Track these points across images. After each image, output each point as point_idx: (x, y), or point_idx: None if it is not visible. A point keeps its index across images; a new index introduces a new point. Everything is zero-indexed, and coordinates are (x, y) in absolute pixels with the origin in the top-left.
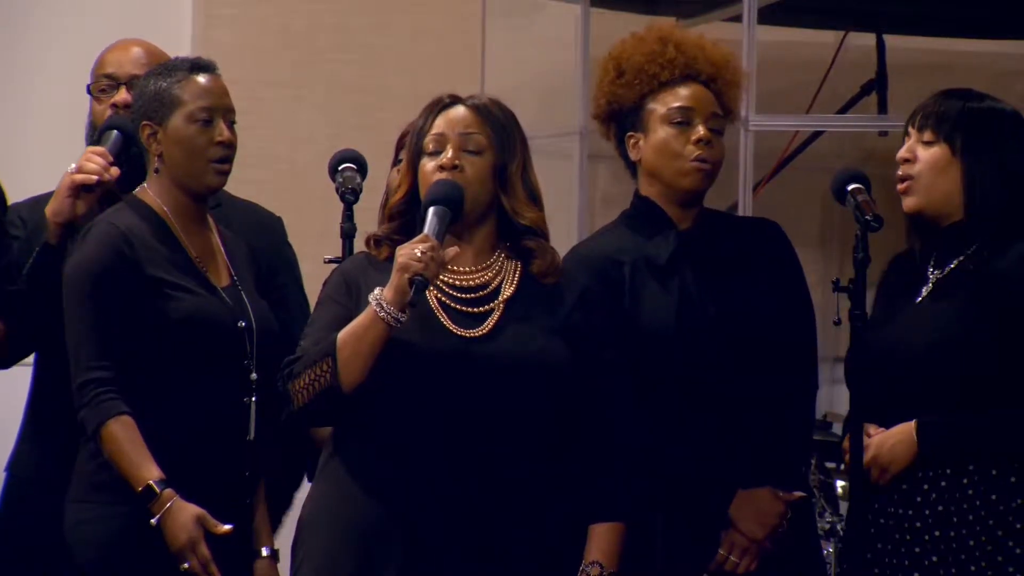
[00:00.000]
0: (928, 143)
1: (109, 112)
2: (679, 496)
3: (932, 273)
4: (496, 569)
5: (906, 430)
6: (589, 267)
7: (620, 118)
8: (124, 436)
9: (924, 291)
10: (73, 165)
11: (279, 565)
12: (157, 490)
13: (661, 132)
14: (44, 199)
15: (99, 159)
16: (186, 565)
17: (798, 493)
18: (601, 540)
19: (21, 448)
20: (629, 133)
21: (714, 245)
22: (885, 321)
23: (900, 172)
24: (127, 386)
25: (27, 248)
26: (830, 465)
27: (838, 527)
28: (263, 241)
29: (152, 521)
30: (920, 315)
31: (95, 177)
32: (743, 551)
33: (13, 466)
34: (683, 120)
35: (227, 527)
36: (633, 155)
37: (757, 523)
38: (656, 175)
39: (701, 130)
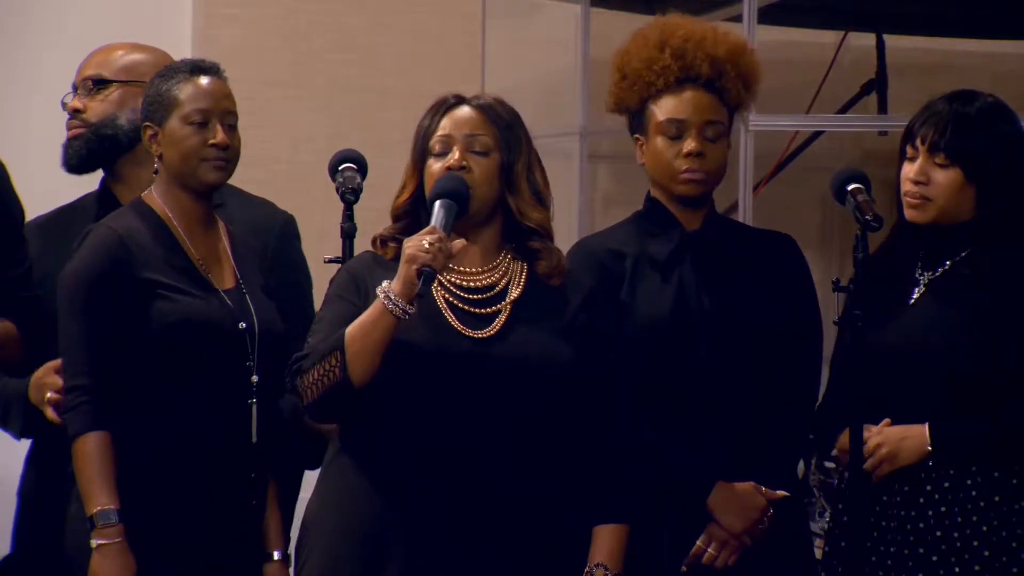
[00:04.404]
0: (942, 166)
1: (67, 119)
2: (674, 496)
3: (923, 274)
4: (501, 570)
5: (919, 429)
6: (592, 258)
7: (629, 117)
8: (96, 454)
9: (916, 292)
10: None
11: None
12: (114, 519)
13: (656, 141)
14: (56, 216)
15: None
16: None
17: (781, 492)
18: (605, 541)
19: (29, 473)
20: (636, 135)
21: (719, 247)
22: (879, 323)
23: (913, 189)
24: (126, 392)
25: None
26: (830, 465)
27: None
28: (259, 242)
29: (92, 543)
30: (922, 318)
31: None
32: (721, 544)
33: (24, 492)
34: (675, 133)
35: None
36: (639, 157)
37: (737, 516)
38: (655, 180)
39: (691, 144)
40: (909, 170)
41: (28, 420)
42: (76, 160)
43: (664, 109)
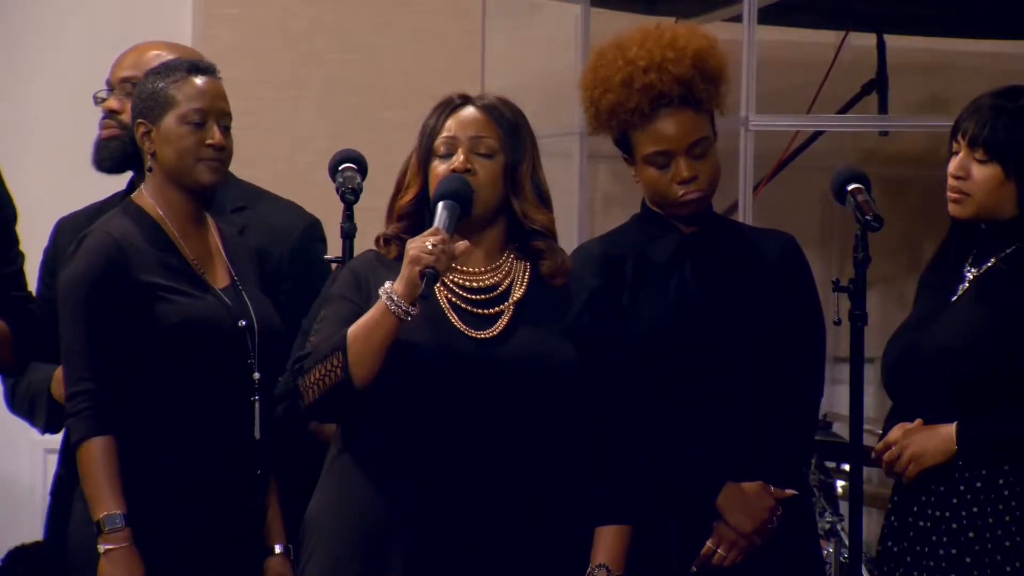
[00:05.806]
0: (982, 161)
1: (101, 118)
2: (680, 497)
3: (969, 271)
4: (503, 570)
5: (947, 429)
6: (593, 263)
7: (612, 140)
8: (101, 459)
9: (960, 289)
10: None
11: None
12: (120, 524)
13: (647, 171)
14: (91, 216)
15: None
16: None
17: (790, 491)
18: (607, 542)
19: (61, 473)
20: (624, 155)
21: (718, 247)
22: (922, 320)
23: (953, 184)
24: (128, 394)
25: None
26: (830, 465)
27: (838, 527)
28: (274, 249)
29: (99, 548)
30: (958, 315)
31: None
32: (730, 544)
33: (56, 491)
34: (663, 162)
35: None
36: (632, 176)
37: (745, 515)
38: (654, 203)
39: (683, 171)
40: (952, 164)
41: (52, 415)
42: (110, 162)
43: (647, 141)
